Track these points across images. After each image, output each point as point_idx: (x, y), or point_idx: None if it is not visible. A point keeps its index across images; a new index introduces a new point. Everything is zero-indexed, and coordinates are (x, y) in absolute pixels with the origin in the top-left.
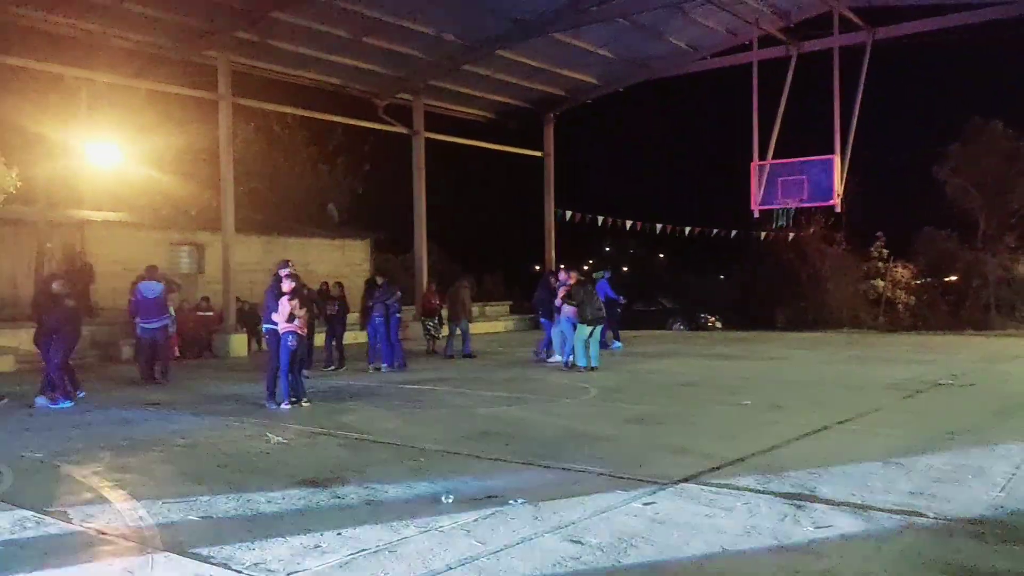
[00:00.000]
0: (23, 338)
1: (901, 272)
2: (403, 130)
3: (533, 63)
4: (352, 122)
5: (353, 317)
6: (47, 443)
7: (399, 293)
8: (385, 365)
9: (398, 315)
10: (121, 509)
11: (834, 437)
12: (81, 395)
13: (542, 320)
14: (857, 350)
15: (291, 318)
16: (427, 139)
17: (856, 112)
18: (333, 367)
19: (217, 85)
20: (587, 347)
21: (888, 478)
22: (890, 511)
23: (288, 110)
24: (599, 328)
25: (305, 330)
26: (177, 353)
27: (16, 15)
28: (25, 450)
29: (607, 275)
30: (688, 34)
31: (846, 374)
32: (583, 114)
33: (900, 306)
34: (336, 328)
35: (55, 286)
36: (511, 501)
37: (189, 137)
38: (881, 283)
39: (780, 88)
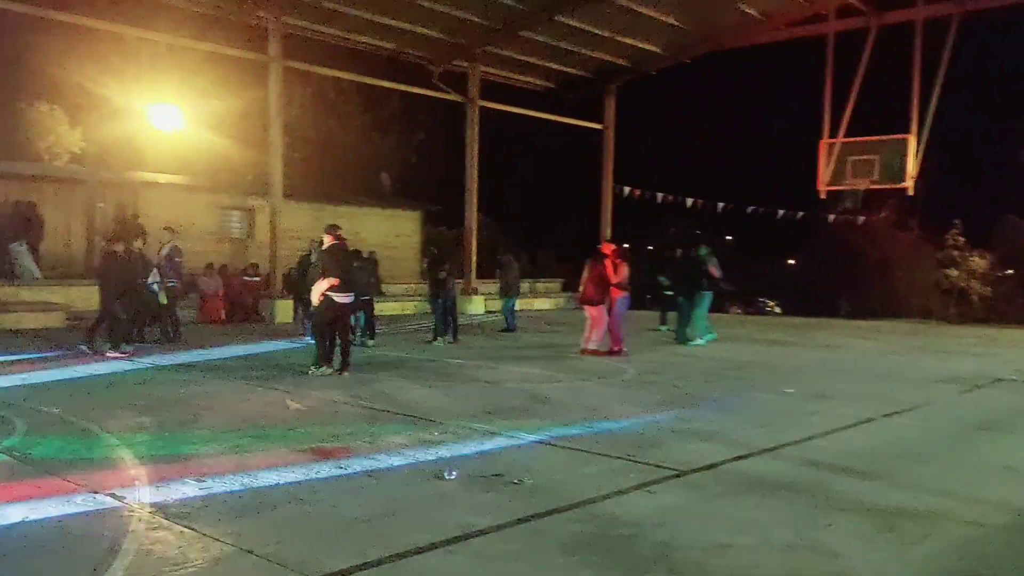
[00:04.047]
0: (74, 295)
1: (977, 262)
2: (457, 98)
3: (595, 30)
4: (405, 88)
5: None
6: (70, 399)
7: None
8: (450, 339)
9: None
10: (120, 469)
11: (875, 431)
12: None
13: (680, 300)
14: (921, 341)
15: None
16: (483, 108)
17: (937, 90)
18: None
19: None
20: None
21: (921, 476)
22: (917, 513)
23: (339, 74)
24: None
25: (320, 298)
26: (223, 316)
27: None
28: (46, 404)
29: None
30: (761, 1)
31: (904, 366)
32: (646, 86)
33: (974, 297)
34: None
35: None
36: (516, 480)
37: (248, 102)
38: (955, 272)
39: (856, 62)
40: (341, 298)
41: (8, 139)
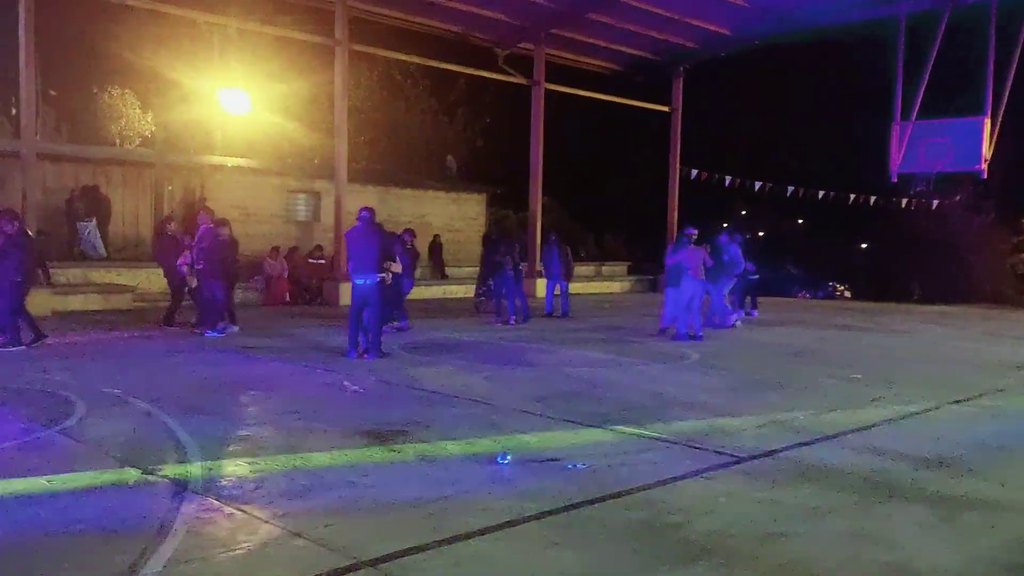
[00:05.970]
0: (142, 277)
1: None
2: (523, 80)
3: (663, 12)
4: (472, 71)
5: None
6: (132, 380)
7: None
8: (512, 320)
9: (521, 269)
10: (174, 449)
11: (942, 418)
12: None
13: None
14: (993, 326)
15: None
16: (549, 91)
17: (1013, 70)
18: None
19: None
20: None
21: (988, 466)
22: (981, 503)
23: (405, 57)
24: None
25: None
26: (288, 299)
27: None
28: (107, 385)
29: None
30: None
31: (975, 352)
32: (715, 67)
33: None
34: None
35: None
36: (570, 465)
37: (315, 86)
38: None
39: (929, 41)
40: (355, 278)
41: (81, 123)
